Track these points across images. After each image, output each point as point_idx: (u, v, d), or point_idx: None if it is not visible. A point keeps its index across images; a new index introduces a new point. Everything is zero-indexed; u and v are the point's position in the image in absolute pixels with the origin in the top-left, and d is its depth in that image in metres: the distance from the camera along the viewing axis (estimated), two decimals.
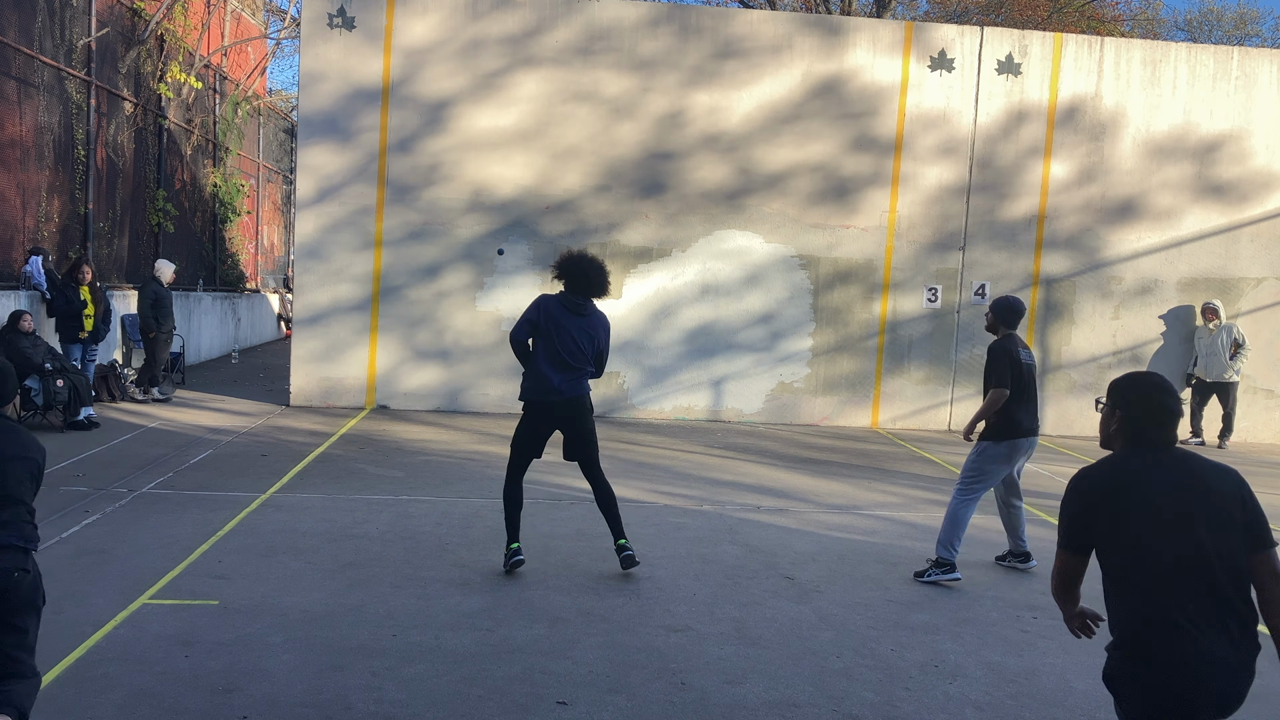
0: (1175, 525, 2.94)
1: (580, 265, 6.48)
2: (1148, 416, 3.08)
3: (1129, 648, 2.98)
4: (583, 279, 6.45)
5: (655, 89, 13.37)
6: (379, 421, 12.23)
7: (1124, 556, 2.99)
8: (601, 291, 6.51)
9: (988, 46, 13.78)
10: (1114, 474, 3.04)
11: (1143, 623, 2.95)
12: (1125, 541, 2.98)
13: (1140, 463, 3.04)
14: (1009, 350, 6.74)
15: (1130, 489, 2.99)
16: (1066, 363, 14.15)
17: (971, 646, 5.54)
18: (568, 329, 6.37)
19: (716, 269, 13.62)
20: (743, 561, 6.98)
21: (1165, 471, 3.02)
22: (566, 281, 6.49)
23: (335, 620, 5.42)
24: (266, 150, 24.14)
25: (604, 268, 6.58)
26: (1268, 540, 2.97)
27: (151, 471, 8.81)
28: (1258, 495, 3.06)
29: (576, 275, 6.46)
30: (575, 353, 6.37)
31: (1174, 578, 2.92)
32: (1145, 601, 2.95)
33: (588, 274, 6.46)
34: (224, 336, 19.44)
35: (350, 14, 12.92)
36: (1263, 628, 3.01)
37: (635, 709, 4.54)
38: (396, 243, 13.17)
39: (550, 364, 6.35)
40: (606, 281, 6.55)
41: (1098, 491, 3.03)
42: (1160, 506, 2.96)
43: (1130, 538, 2.97)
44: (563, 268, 6.51)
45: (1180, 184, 14.13)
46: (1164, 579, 2.93)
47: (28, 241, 12.12)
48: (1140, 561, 2.96)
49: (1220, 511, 2.97)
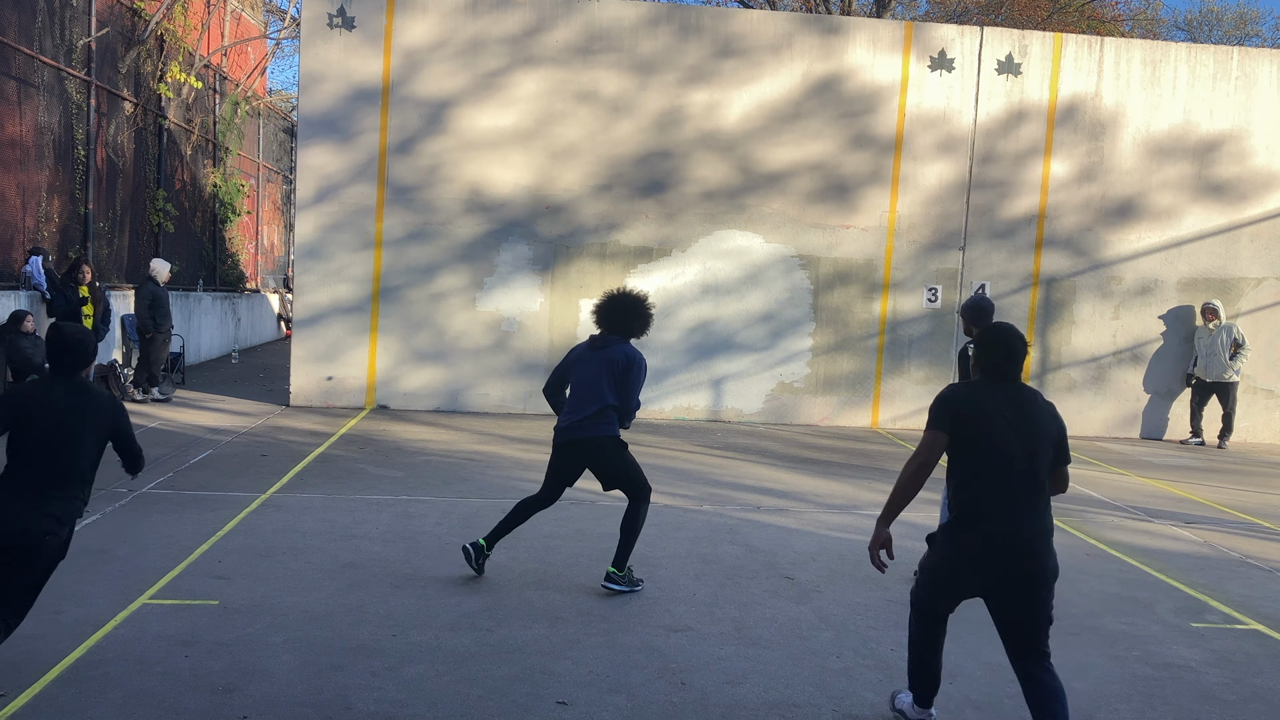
0: (1005, 434, 4.04)
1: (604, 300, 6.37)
2: (996, 356, 4.18)
3: (962, 514, 4.10)
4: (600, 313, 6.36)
5: (655, 88, 13.37)
6: (379, 421, 12.23)
7: (967, 452, 4.10)
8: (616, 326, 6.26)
9: (988, 46, 13.78)
10: (970, 393, 4.18)
11: (973, 497, 4.07)
12: (968, 440, 4.08)
13: (988, 389, 4.16)
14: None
15: (978, 404, 4.11)
16: (1066, 362, 14.14)
17: (971, 646, 5.54)
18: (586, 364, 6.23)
19: (716, 269, 13.61)
20: (743, 561, 6.98)
21: (1005, 398, 4.12)
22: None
23: (335, 620, 5.42)
24: (266, 150, 24.14)
25: (623, 300, 6.27)
26: (1067, 458, 4.18)
27: (151, 471, 8.81)
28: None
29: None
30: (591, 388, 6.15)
31: (1000, 471, 4.02)
32: (977, 484, 4.06)
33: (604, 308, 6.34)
34: (224, 336, 19.44)
35: (350, 14, 12.92)
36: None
37: (635, 709, 4.54)
38: (396, 243, 13.17)
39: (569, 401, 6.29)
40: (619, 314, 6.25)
41: (958, 399, 4.16)
42: (995, 420, 4.06)
43: (973, 439, 4.07)
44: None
45: (1180, 184, 14.13)
46: (993, 471, 4.03)
47: (28, 241, 12.12)
48: (978, 457, 4.07)
49: (1039, 431, 4.08)
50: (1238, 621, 6.24)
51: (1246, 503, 10.03)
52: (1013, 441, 4.03)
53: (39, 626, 5.09)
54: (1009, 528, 3.99)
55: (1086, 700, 4.91)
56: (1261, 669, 5.46)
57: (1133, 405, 14.31)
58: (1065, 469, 4.18)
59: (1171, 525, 8.86)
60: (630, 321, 6.18)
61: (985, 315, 6.68)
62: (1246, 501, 10.09)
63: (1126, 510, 9.38)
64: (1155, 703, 4.93)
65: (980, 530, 4.04)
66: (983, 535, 4.03)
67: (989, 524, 4.02)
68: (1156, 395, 14.35)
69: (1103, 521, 8.83)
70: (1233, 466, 12.39)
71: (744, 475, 10.00)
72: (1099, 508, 9.42)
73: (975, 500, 4.06)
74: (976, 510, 4.06)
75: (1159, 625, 6.08)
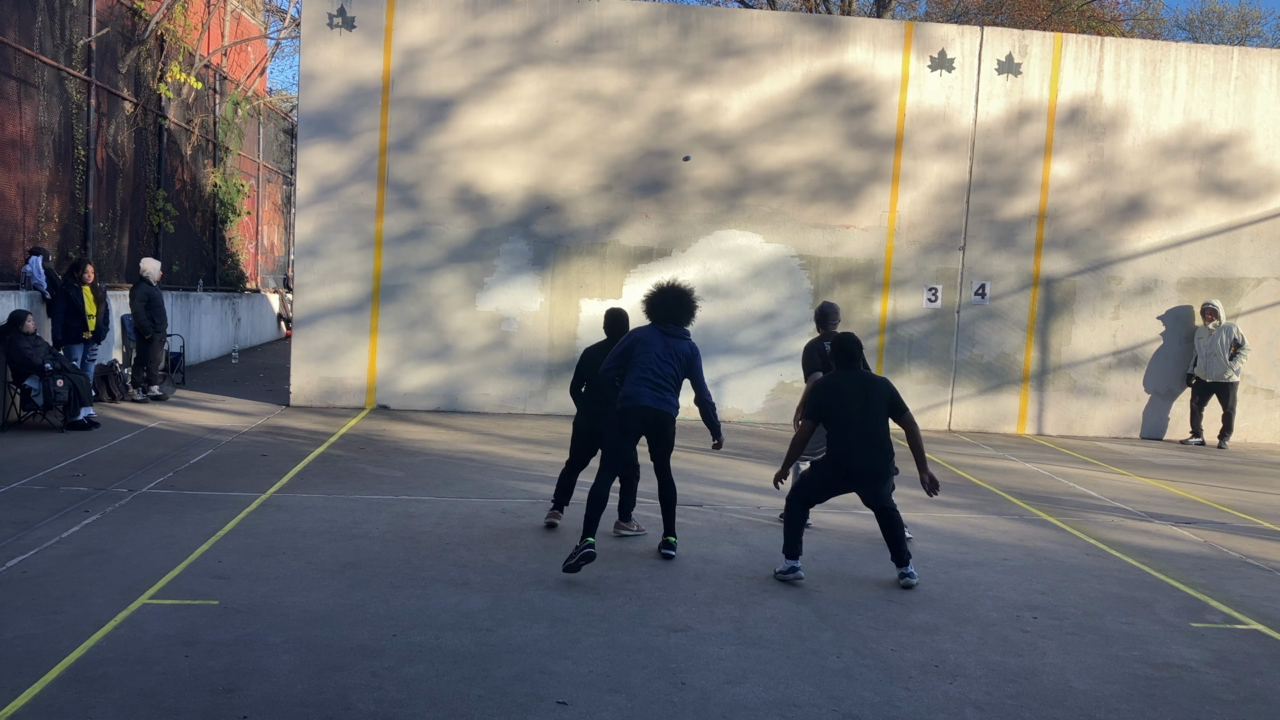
0: (854, 404, 6.54)
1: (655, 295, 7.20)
2: (839, 356, 6.76)
3: (831, 454, 6.60)
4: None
5: (655, 88, 13.37)
6: (379, 421, 12.23)
7: (833, 417, 6.57)
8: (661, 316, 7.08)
9: (988, 46, 13.78)
10: (831, 381, 6.69)
11: (835, 443, 6.57)
12: (834, 411, 6.57)
13: (841, 376, 6.69)
14: (820, 348, 8.04)
15: (836, 387, 6.62)
16: (1066, 363, 14.14)
17: (971, 646, 5.54)
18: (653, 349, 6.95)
19: (717, 269, 13.61)
20: (743, 561, 6.98)
21: (852, 380, 6.64)
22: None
23: (335, 620, 5.42)
24: (266, 150, 24.15)
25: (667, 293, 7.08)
26: (903, 409, 6.65)
27: (151, 471, 8.81)
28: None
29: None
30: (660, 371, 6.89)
31: (852, 427, 6.52)
32: (839, 437, 6.55)
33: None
34: (224, 336, 19.44)
35: (350, 14, 12.92)
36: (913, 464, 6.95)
37: (635, 709, 4.54)
38: (396, 242, 13.17)
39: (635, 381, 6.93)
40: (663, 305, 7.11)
41: (827, 388, 6.65)
42: (848, 394, 6.57)
43: (838, 410, 6.56)
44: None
45: (1180, 184, 14.12)
46: (848, 428, 6.52)
47: (28, 241, 12.12)
48: (838, 420, 6.56)
49: (878, 398, 6.58)
50: (1238, 621, 6.24)
51: (1246, 503, 10.03)
52: (856, 407, 6.54)
53: (39, 626, 5.09)
54: (858, 458, 6.54)
55: (1086, 700, 4.91)
56: (1261, 669, 5.46)
57: (1133, 405, 14.31)
58: (906, 416, 6.66)
59: (1171, 525, 8.86)
60: (680, 312, 6.97)
61: (829, 319, 8.25)
62: (1246, 501, 10.08)
63: (1126, 510, 9.38)
64: (1155, 703, 4.93)
65: (836, 458, 6.61)
66: (835, 459, 6.61)
67: (846, 457, 6.56)
68: (1156, 395, 14.35)
69: (1103, 521, 8.83)
70: (1233, 466, 12.39)
71: (744, 475, 10.00)
72: (1099, 508, 9.42)
73: (836, 443, 6.60)
74: (838, 449, 6.61)
75: (1159, 625, 6.08)
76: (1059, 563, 7.38)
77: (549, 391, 13.44)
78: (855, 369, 6.71)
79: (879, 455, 6.52)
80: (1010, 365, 14.09)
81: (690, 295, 7.04)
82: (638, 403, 6.75)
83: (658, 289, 7.08)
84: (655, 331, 6.95)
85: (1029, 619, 6.07)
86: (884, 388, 6.64)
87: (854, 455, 6.49)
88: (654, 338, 6.91)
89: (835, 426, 6.56)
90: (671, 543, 6.97)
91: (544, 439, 11.61)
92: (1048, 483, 10.53)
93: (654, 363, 6.81)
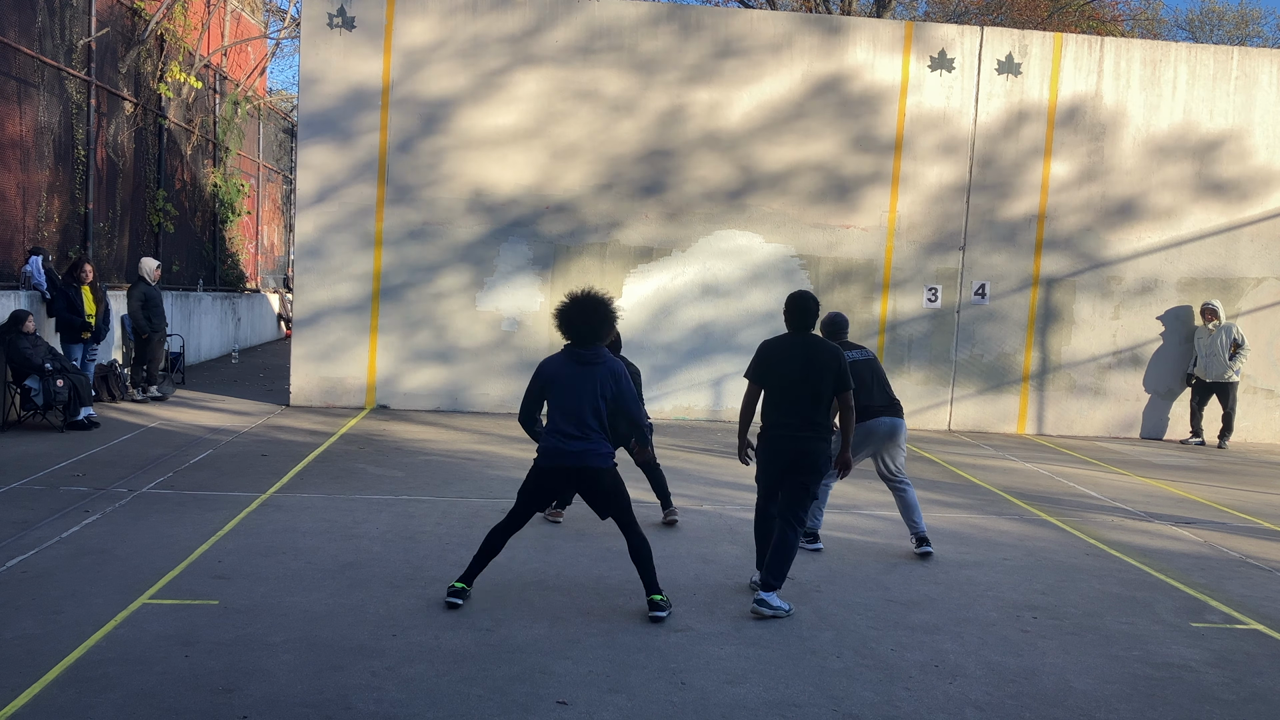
0: (796, 370, 6.00)
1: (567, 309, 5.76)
2: (792, 318, 6.13)
3: (766, 427, 6.07)
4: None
5: (656, 88, 13.37)
6: (379, 421, 12.23)
7: (772, 384, 6.06)
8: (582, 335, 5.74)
9: (988, 46, 13.78)
10: (777, 344, 6.14)
11: (773, 413, 6.06)
12: (773, 377, 6.06)
13: (788, 340, 6.13)
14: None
15: (780, 350, 6.09)
16: (1066, 363, 14.14)
17: (971, 646, 5.54)
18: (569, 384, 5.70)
19: (717, 268, 13.61)
20: (743, 561, 6.98)
21: (797, 344, 6.08)
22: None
23: (335, 620, 5.42)
24: (266, 150, 24.15)
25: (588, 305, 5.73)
26: (846, 384, 6.07)
27: (151, 471, 8.81)
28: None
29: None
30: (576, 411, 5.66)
31: (790, 396, 6.00)
32: (776, 407, 6.04)
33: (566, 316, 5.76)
34: (224, 336, 19.45)
35: (350, 14, 12.92)
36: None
37: (635, 709, 4.54)
38: (397, 242, 13.17)
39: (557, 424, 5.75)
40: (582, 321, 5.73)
41: (771, 349, 6.12)
42: (790, 360, 6.03)
43: (776, 376, 6.05)
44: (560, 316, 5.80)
45: (1180, 184, 14.13)
46: (785, 397, 6.01)
47: (28, 241, 12.12)
48: (777, 387, 6.04)
49: (822, 367, 6.00)
50: (1238, 621, 6.24)
51: (1246, 503, 10.03)
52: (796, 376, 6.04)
53: (39, 626, 5.09)
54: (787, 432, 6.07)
55: (1086, 700, 4.91)
56: (1261, 669, 5.46)
57: (1133, 405, 14.31)
58: (847, 394, 6.12)
59: (1171, 525, 8.86)
60: (600, 327, 5.71)
61: (840, 330, 7.58)
62: (1246, 501, 10.08)
63: (1126, 510, 9.38)
64: (1155, 703, 4.93)
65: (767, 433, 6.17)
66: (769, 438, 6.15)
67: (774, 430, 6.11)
68: (1156, 395, 14.35)
69: (1103, 521, 8.83)
70: (1233, 466, 12.39)
71: (744, 475, 10.00)
72: (1099, 508, 9.42)
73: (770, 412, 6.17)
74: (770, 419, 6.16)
75: (1159, 625, 6.08)
76: (1059, 563, 7.38)
77: None
78: (806, 334, 6.11)
79: (813, 443, 5.96)
80: (1010, 365, 14.09)
81: (606, 305, 5.71)
82: (555, 461, 5.66)
83: (568, 299, 5.72)
84: (566, 360, 5.68)
85: (1029, 619, 6.08)
86: (835, 356, 6.03)
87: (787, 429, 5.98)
88: (565, 370, 5.67)
89: (777, 396, 6.02)
90: (657, 601, 5.65)
91: None
92: (1048, 483, 10.53)
93: (568, 404, 5.62)
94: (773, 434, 6.03)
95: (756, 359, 6.13)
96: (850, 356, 7.33)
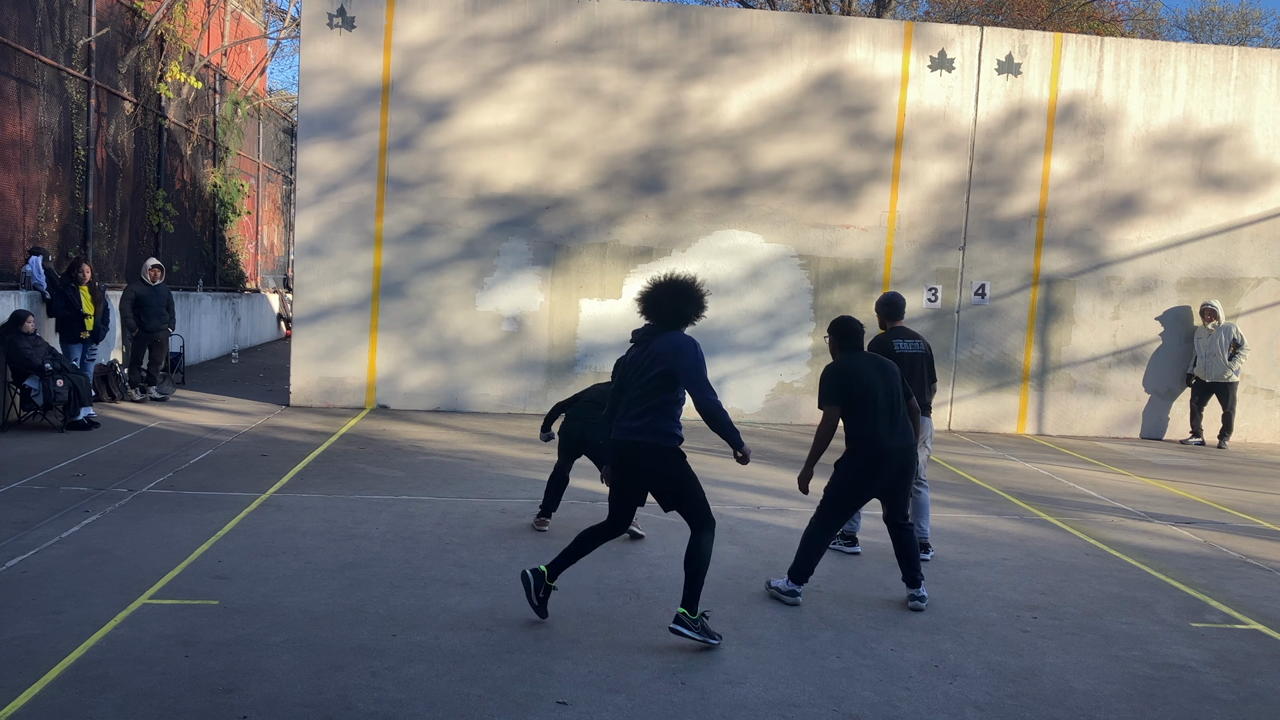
0: (874, 384, 6.07)
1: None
2: (847, 338, 6.26)
3: (854, 445, 6.12)
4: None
5: (655, 86, 13.36)
6: (379, 421, 12.23)
7: (855, 402, 6.06)
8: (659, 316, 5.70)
9: (988, 46, 13.78)
10: (845, 364, 6.15)
11: (859, 429, 6.08)
12: (855, 395, 6.06)
13: (852, 358, 6.19)
14: (885, 345, 7.18)
15: (853, 370, 6.11)
16: (1066, 362, 14.14)
17: (971, 646, 5.54)
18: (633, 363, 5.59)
19: (716, 268, 13.61)
20: (743, 561, 6.98)
21: (865, 360, 6.17)
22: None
23: (335, 620, 5.42)
24: (266, 150, 24.14)
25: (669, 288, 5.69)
26: (910, 394, 6.34)
27: (151, 471, 8.81)
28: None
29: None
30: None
31: (876, 410, 6.05)
32: (862, 422, 6.07)
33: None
34: (224, 336, 19.44)
35: (350, 13, 12.92)
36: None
37: (635, 709, 4.54)
38: (397, 241, 13.17)
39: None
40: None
41: (842, 373, 6.11)
42: (867, 375, 6.09)
43: (858, 393, 6.06)
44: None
45: (1180, 184, 14.12)
46: (871, 411, 6.04)
47: (28, 241, 12.12)
48: (862, 404, 6.05)
49: (893, 379, 6.17)
50: (1238, 621, 6.24)
51: (1246, 503, 10.02)
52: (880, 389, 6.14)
53: (39, 626, 5.09)
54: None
55: (1086, 700, 4.91)
56: (1261, 669, 5.46)
57: (1133, 405, 14.31)
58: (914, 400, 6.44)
59: (1171, 525, 8.86)
60: (683, 306, 5.65)
61: (897, 310, 7.35)
62: (1246, 501, 10.08)
63: (1126, 510, 9.38)
64: (1155, 703, 4.93)
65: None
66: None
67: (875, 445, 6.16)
68: (1156, 395, 14.35)
69: (1103, 521, 8.83)
70: (1233, 466, 12.39)
71: (744, 475, 10.00)
72: (1099, 508, 9.42)
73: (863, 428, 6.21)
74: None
75: (1159, 625, 6.08)
76: (1059, 563, 7.38)
77: (549, 391, 13.43)
78: (862, 351, 6.23)
79: (909, 453, 6.10)
80: (1010, 365, 14.09)
81: (689, 286, 5.70)
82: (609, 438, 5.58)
83: (651, 284, 5.70)
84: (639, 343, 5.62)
85: (1029, 619, 6.07)
86: (895, 371, 6.24)
87: (884, 438, 6.00)
88: (635, 351, 5.61)
89: (862, 411, 6.00)
90: (681, 616, 5.27)
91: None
92: (1048, 483, 10.53)
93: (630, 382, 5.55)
94: (875, 445, 6.03)
95: (837, 383, 6.02)
96: (901, 348, 7.24)
